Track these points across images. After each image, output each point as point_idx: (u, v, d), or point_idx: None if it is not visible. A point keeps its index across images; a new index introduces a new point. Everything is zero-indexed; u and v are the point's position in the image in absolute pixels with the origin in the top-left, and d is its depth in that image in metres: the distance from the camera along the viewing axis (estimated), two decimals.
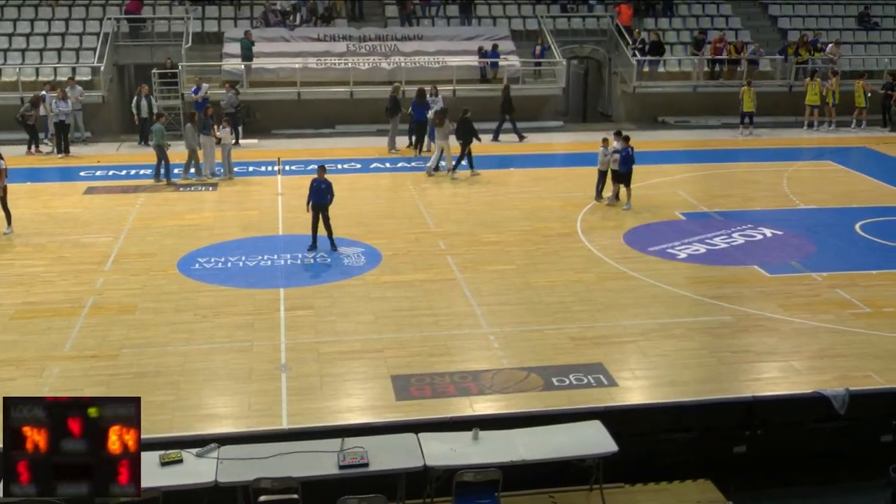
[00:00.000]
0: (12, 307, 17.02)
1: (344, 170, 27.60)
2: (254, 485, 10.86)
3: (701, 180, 26.94)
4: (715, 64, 36.62)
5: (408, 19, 37.46)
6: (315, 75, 34.14)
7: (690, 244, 20.58)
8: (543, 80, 35.75)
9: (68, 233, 21.44)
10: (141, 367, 14.59)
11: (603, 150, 23.55)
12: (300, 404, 13.41)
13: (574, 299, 17.39)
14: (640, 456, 12.95)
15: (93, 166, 28.33)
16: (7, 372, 14.41)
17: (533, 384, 14.04)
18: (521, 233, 21.37)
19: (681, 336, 15.77)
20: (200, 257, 19.73)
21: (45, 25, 35.69)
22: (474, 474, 11.21)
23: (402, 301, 17.33)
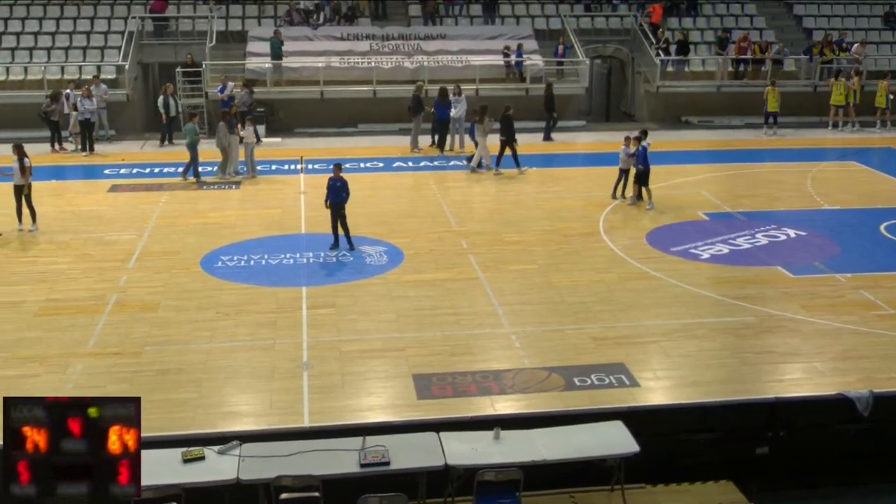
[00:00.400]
0: (36, 304, 17.13)
1: (366, 168, 27.64)
2: (275, 482, 10.88)
3: (724, 180, 26.83)
4: (739, 63, 36.46)
5: (431, 18, 37.49)
6: (338, 74, 34.22)
7: (713, 244, 20.49)
8: (566, 80, 35.68)
9: (92, 230, 21.56)
10: (163, 364, 14.66)
11: (624, 149, 23.53)
12: (322, 402, 13.43)
13: (596, 299, 17.35)
14: (662, 456, 12.90)
15: (117, 164, 28.50)
16: (31, 369, 14.50)
17: (554, 384, 14.01)
18: (543, 232, 21.34)
19: (703, 336, 15.71)
20: (223, 255, 19.80)
21: (70, 24, 35.92)
22: (495, 474, 11.20)
23: (424, 300, 17.33)
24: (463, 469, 11.35)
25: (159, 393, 13.65)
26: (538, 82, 34.45)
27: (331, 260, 19.60)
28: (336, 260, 19.59)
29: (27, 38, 34.99)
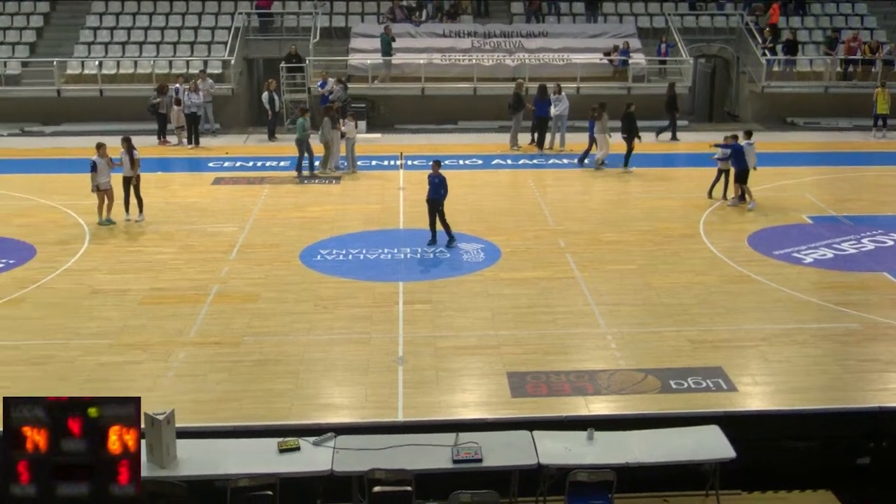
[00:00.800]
0: (141, 293, 17.54)
1: (465, 166, 27.69)
2: (368, 475, 10.96)
3: (830, 183, 26.23)
4: (848, 64, 35.59)
5: (535, 15, 37.38)
6: (439, 71, 34.36)
7: (817, 248, 20.06)
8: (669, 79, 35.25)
9: (195, 222, 22.00)
10: (262, 354, 14.88)
11: (723, 150, 23.26)
12: (416, 397, 13.50)
13: (694, 301, 17.12)
14: (759, 463, 12.69)
15: (221, 157, 29.02)
16: (134, 356, 14.86)
17: (650, 386, 13.87)
18: (641, 232, 21.13)
19: (804, 342, 15.38)
20: (322, 249, 20.03)
21: (178, 19, 36.73)
22: (588, 474, 11.13)
23: (520, 298, 17.30)
24: (555, 469, 11.31)
25: (257, 383, 13.87)
26: (640, 81, 34.16)
27: (428, 256, 19.68)
28: (433, 256, 19.67)
29: (137, 33, 35.87)
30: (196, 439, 11.65)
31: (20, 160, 28.81)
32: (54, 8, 37.68)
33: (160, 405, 11.68)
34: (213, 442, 11.74)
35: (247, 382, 13.92)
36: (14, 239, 20.59)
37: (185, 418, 12.18)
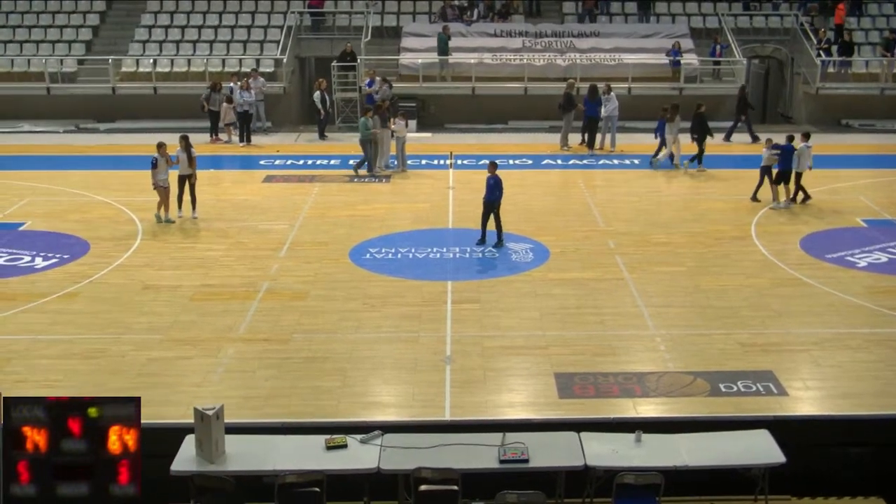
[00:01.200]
0: (192, 289, 17.70)
1: (515, 166, 27.65)
2: (415, 473, 10.98)
3: (885, 186, 25.85)
4: None
5: (587, 15, 37.24)
6: (490, 70, 34.35)
7: (871, 252, 19.81)
8: (722, 80, 35.00)
9: (246, 219, 22.17)
10: (311, 352, 14.97)
11: (766, 151, 23.34)
12: (463, 397, 13.50)
13: (745, 304, 16.96)
14: (809, 469, 12.55)
15: (272, 155, 29.21)
16: (185, 351, 15.01)
17: (699, 389, 13.77)
18: (692, 234, 20.98)
19: (857, 347, 15.19)
20: (371, 248, 20.10)
21: (232, 18, 37.04)
22: (635, 477, 11.07)
23: (569, 299, 17.25)
24: (602, 470, 11.27)
25: (305, 380, 13.95)
26: (692, 82, 33.94)
27: (477, 255, 19.67)
28: (482, 256, 19.66)
29: (191, 31, 36.24)
30: (245, 435, 11.75)
31: (75, 157, 29.19)
32: (110, 7, 38.18)
33: (209, 400, 11.78)
34: (261, 438, 11.83)
35: (295, 379, 14.01)
36: (69, 234, 20.88)
37: (234, 414, 12.29)
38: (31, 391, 13.21)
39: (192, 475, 10.97)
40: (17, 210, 22.88)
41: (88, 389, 13.50)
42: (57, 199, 23.86)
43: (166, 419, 12.63)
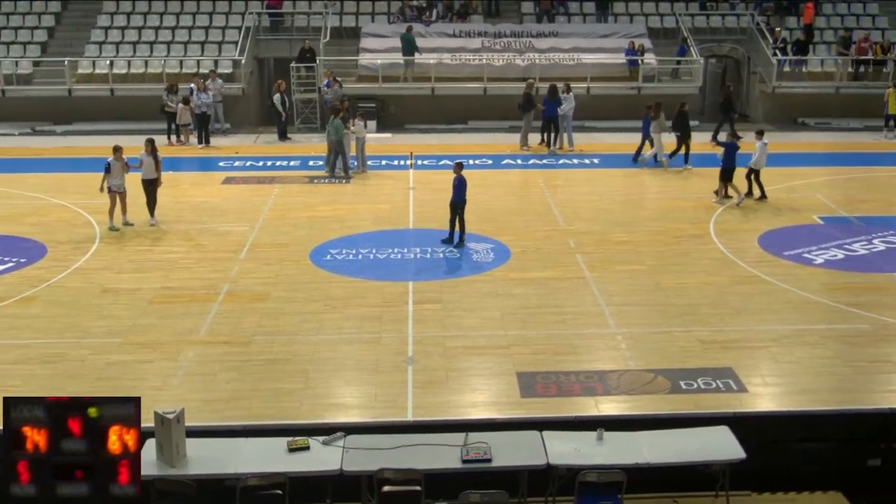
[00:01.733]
0: (151, 292, 17.57)
1: (475, 166, 27.67)
2: (378, 475, 10.97)
3: (841, 184, 26.16)
4: (859, 64, 35.49)
5: (545, 15, 37.35)
6: (449, 71, 34.36)
7: (828, 249, 20.01)
8: (680, 79, 35.24)
9: (206, 221, 22.04)
10: (272, 354, 14.90)
11: None
12: (425, 397, 13.50)
13: (705, 302, 17.09)
14: (769, 464, 12.66)
15: (231, 157, 29.07)
16: (144, 354, 14.89)
17: (660, 387, 13.85)
18: (652, 233, 21.10)
19: (815, 343, 15.34)
20: (332, 249, 20.04)
21: (189, 19, 36.80)
22: (598, 475, 11.11)
23: (530, 298, 17.29)
24: (565, 469, 11.31)
25: (267, 382, 13.89)
26: (650, 81, 34.17)
27: (438, 256, 19.67)
28: (443, 256, 19.67)
29: (148, 32, 35.97)
30: (206, 438, 11.68)
31: (32, 159, 28.89)
32: (66, 8, 37.81)
33: (170, 404, 11.70)
34: (222, 441, 11.77)
35: (256, 382, 13.94)
36: (25, 237, 20.65)
37: (195, 417, 12.21)
38: None
39: (152, 479, 10.88)
40: None
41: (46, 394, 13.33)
42: (13, 203, 23.59)
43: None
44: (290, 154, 29.35)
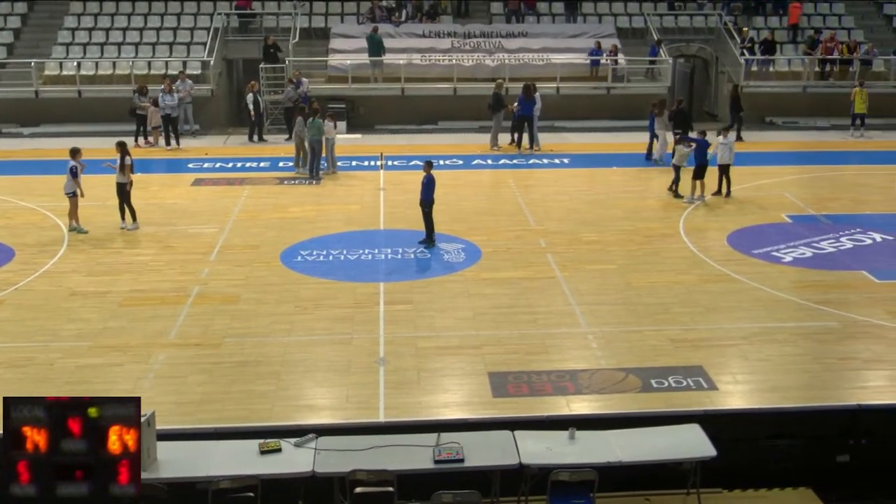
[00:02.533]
0: (121, 294, 17.46)
1: (446, 166, 27.68)
2: (350, 476, 10.95)
3: (809, 182, 26.37)
4: (826, 64, 35.78)
5: (515, 15, 37.42)
6: (419, 71, 34.36)
7: (796, 247, 20.16)
8: (651, 79, 35.40)
9: (175, 223, 21.92)
10: (243, 356, 14.85)
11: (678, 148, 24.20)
12: (397, 398, 13.49)
13: (675, 301, 17.17)
14: (740, 461, 12.75)
15: (200, 158, 28.93)
16: (114, 357, 14.79)
17: (631, 385, 13.90)
18: (622, 232, 21.18)
19: (784, 341, 15.46)
20: (303, 250, 20.00)
21: (157, 20, 36.60)
22: (570, 474, 11.15)
23: (501, 298, 17.31)
24: (537, 468, 11.32)
25: (238, 384, 13.84)
26: (620, 81, 34.32)
27: (409, 256, 19.66)
28: (414, 256, 19.66)
29: (115, 33, 35.72)
30: (177, 441, 11.60)
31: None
32: (32, 8, 37.47)
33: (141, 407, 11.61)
34: (194, 444, 11.70)
35: (228, 384, 13.88)
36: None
37: (166, 420, 12.15)
38: None
39: None
40: None
41: None
42: None
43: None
44: (260, 155, 29.27)
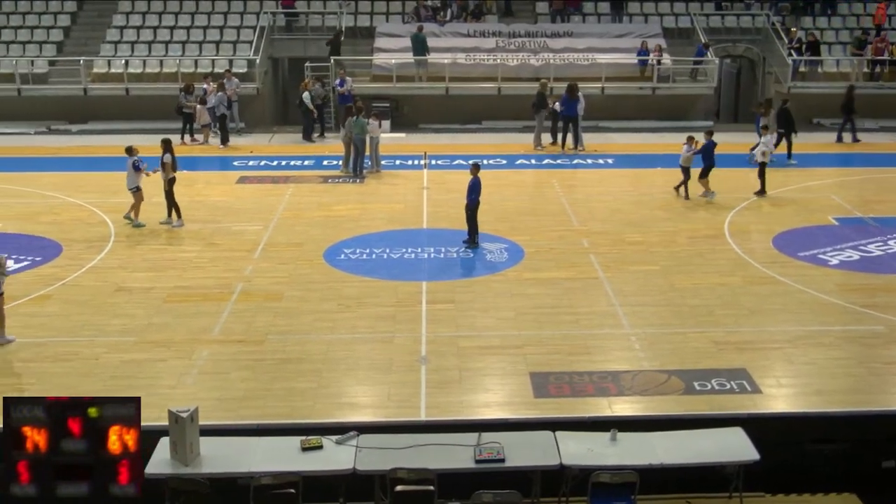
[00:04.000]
0: (165, 291, 17.62)
1: (489, 166, 27.63)
2: (390, 474, 10.97)
3: (856, 185, 26.06)
4: (875, 65, 35.33)
5: (560, 14, 37.30)
6: (463, 71, 34.33)
7: (843, 250, 19.94)
8: (695, 80, 35.14)
9: (220, 221, 22.08)
10: (285, 353, 14.93)
11: (686, 148, 23.94)
12: (438, 397, 13.50)
13: (719, 303, 17.04)
14: (783, 466, 12.62)
15: (246, 157, 29.10)
16: (158, 353, 14.93)
17: (673, 387, 13.82)
18: (666, 233, 21.06)
19: (829, 344, 15.29)
20: (346, 248, 20.06)
21: (204, 19, 36.86)
22: (611, 476, 11.10)
23: (544, 298, 17.27)
24: (578, 469, 11.29)
25: (280, 381, 13.91)
26: (665, 82, 34.10)
27: (451, 255, 19.67)
28: (457, 256, 19.66)
29: (163, 32, 36.04)
30: (219, 437, 11.70)
31: (47, 158, 28.96)
32: (81, 7, 37.91)
33: (184, 402, 11.73)
34: (236, 440, 11.79)
35: (270, 381, 13.97)
36: (41, 236, 20.73)
37: (209, 416, 12.24)
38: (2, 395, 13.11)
39: (166, 478, 10.92)
40: None
41: (60, 392, 13.39)
42: (28, 201, 23.68)
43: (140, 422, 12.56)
44: (305, 154, 29.38)
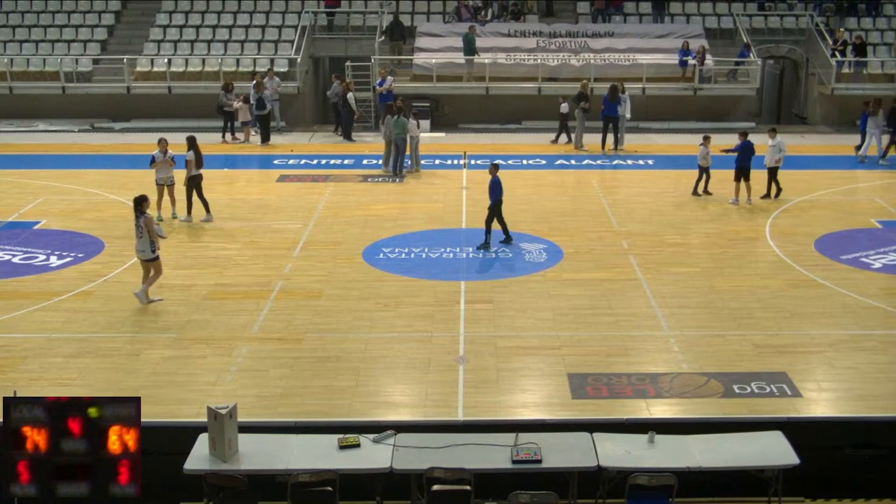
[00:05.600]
0: (206, 288, 17.75)
1: (529, 166, 27.64)
2: (428, 473, 10.99)
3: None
4: None
5: (601, 14, 37.17)
6: (504, 71, 34.30)
7: (886, 253, 19.72)
8: (736, 80, 34.88)
9: (260, 218, 22.20)
10: (324, 351, 14.99)
11: (702, 148, 23.81)
12: (476, 397, 13.50)
13: (759, 305, 16.91)
14: (823, 471, 12.52)
15: (286, 155, 29.24)
16: (198, 350, 15.05)
17: (712, 390, 13.74)
18: (706, 235, 20.93)
19: (872, 349, 15.13)
20: (385, 247, 20.11)
21: (246, 18, 37.08)
22: (648, 478, 11.05)
23: (582, 299, 17.23)
24: (615, 471, 11.26)
25: (319, 379, 13.97)
26: (707, 83, 33.87)
27: (490, 255, 19.66)
28: (495, 256, 19.65)
29: (205, 31, 36.29)
30: (258, 434, 11.78)
31: (90, 156, 29.28)
32: (125, 6, 38.27)
33: (223, 399, 11.82)
34: (274, 437, 11.86)
35: (308, 379, 14.03)
36: (83, 233, 20.96)
37: (248, 413, 12.33)
38: (46, 390, 13.30)
39: (205, 474, 11.00)
40: (32, 209, 22.96)
41: (102, 388, 13.56)
42: (72, 198, 23.95)
43: (180, 418, 12.70)
44: (345, 153, 29.48)
